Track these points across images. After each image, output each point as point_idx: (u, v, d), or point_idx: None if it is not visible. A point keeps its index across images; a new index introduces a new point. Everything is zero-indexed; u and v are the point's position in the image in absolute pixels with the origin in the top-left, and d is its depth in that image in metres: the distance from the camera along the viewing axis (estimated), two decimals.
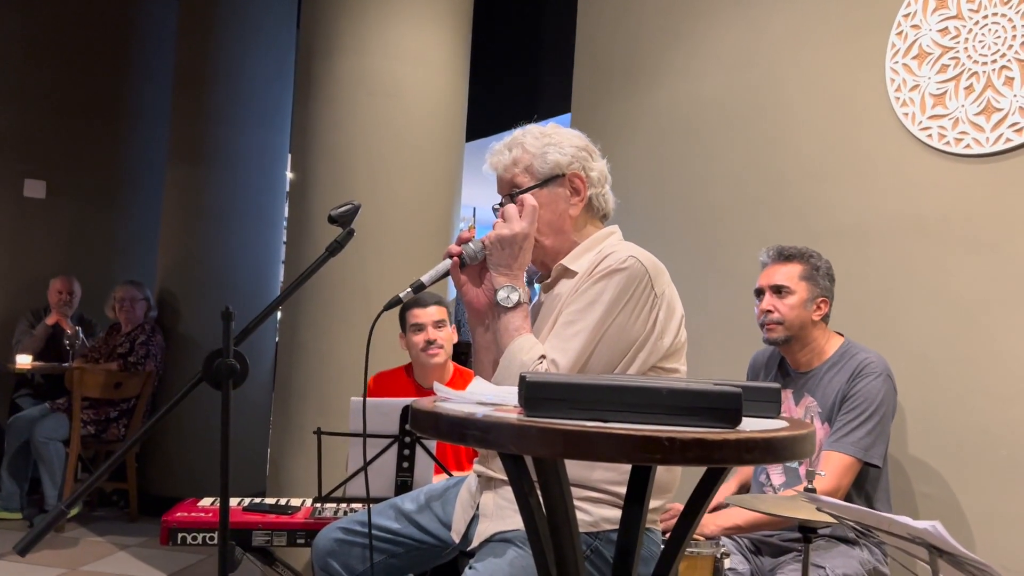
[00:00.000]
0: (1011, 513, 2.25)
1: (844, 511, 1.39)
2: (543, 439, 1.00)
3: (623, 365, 1.60)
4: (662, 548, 1.42)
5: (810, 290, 2.26)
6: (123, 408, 4.76)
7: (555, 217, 1.72)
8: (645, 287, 1.60)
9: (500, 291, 1.65)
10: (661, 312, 1.62)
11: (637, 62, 3.34)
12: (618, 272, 1.59)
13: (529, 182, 1.72)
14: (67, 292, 5.19)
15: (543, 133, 1.76)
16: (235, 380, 1.46)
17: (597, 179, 1.77)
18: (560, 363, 1.56)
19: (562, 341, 1.58)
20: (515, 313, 1.64)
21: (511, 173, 1.74)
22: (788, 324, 2.24)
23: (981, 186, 2.38)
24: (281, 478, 3.19)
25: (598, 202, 1.78)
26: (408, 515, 1.89)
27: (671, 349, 1.65)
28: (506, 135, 1.81)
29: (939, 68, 2.48)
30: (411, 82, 3.23)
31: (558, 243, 1.74)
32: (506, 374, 1.59)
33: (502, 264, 1.66)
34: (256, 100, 5.16)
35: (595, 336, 1.57)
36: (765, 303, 2.28)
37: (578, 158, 1.74)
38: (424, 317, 2.68)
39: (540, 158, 1.72)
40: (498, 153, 1.77)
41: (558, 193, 1.72)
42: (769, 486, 2.31)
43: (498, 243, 1.66)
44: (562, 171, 1.72)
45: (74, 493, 1.40)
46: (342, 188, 3.14)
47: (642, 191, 3.23)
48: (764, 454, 1.04)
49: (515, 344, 1.61)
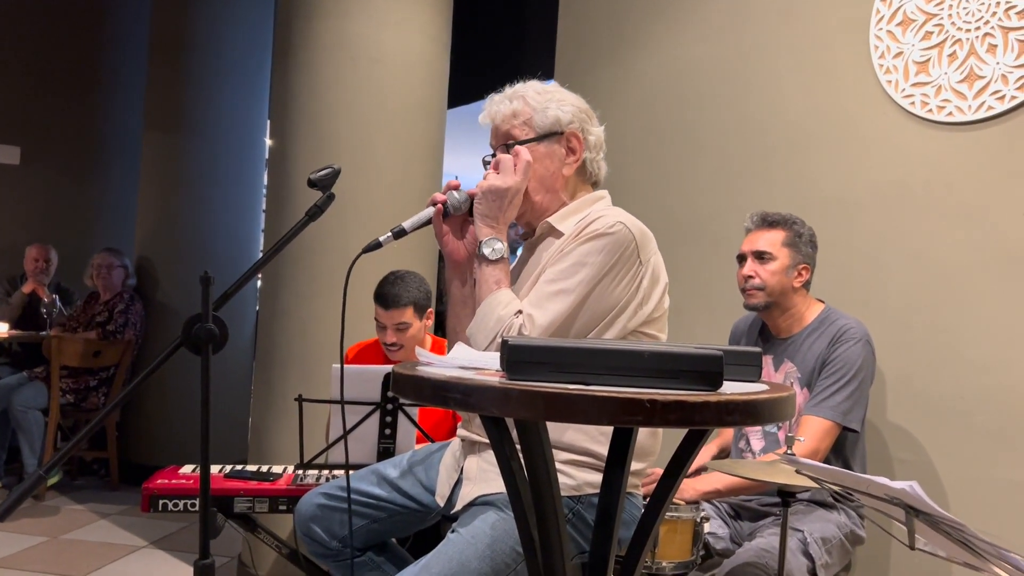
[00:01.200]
0: (985, 478, 2.29)
1: (823, 473, 1.40)
2: (525, 401, 1.00)
3: (600, 329, 1.60)
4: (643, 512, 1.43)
5: (792, 256, 2.27)
6: (103, 377, 4.73)
7: (548, 174, 1.71)
8: (631, 254, 1.59)
9: (484, 242, 1.63)
10: (645, 279, 1.62)
11: (622, 29, 3.31)
12: (605, 236, 1.58)
13: (527, 135, 1.70)
14: (43, 260, 5.13)
15: (545, 89, 1.74)
16: (215, 345, 1.44)
17: (594, 143, 1.76)
18: (537, 319, 1.55)
19: (541, 298, 1.57)
20: (497, 266, 1.62)
21: (509, 124, 1.72)
22: (769, 290, 2.26)
23: (963, 154, 2.39)
24: (263, 446, 3.18)
25: (592, 167, 1.77)
26: (391, 480, 1.89)
27: (652, 316, 1.65)
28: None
29: (923, 35, 2.47)
30: (393, 47, 3.19)
31: (547, 201, 1.72)
32: (481, 326, 1.58)
33: (489, 215, 1.64)
34: (234, 65, 5.08)
35: (576, 298, 1.56)
36: (747, 268, 2.28)
37: (578, 118, 1.73)
38: (385, 318, 2.58)
39: (541, 112, 1.70)
40: (498, 103, 1.74)
41: (554, 150, 1.71)
42: (749, 451, 2.33)
43: (489, 193, 1.64)
44: (561, 128, 1.71)
45: (53, 458, 1.39)
46: (322, 154, 3.11)
47: (626, 158, 3.22)
48: (744, 416, 1.04)
49: (494, 297, 1.60)
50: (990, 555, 1.11)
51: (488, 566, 1.53)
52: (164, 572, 3.36)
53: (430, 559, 1.54)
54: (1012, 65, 2.29)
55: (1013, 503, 2.25)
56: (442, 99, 3.40)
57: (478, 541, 1.54)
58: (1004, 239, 2.31)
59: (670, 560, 1.95)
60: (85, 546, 3.64)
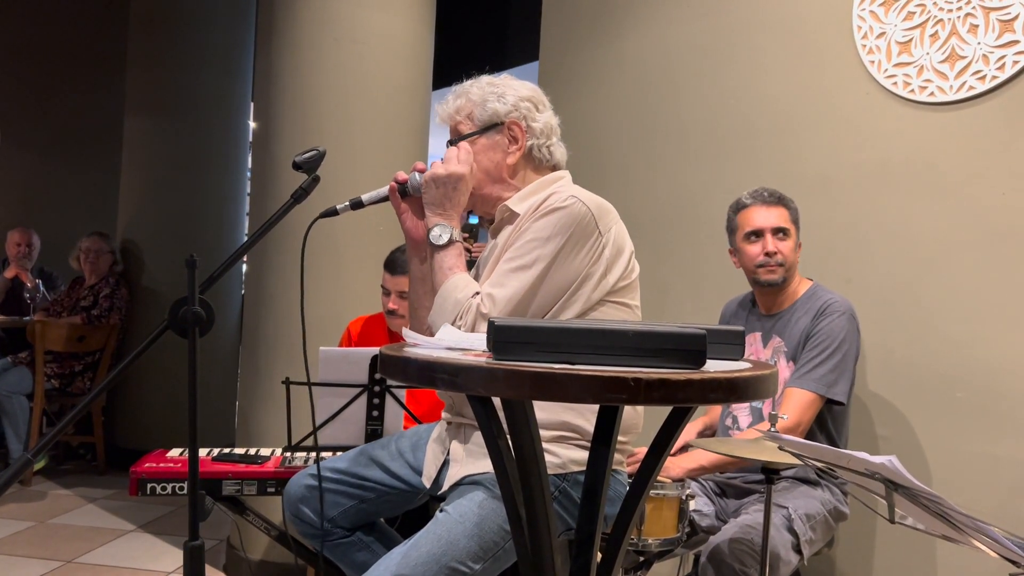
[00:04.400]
0: (965, 452, 2.33)
1: (804, 448, 1.42)
2: (511, 380, 1.01)
3: (563, 302, 1.62)
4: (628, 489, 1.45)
5: (797, 233, 2.31)
6: (88, 361, 4.71)
7: (492, 165, 1.77)
8: (587, 224, 1.61)
9: (432, 229, 1.69)
10: (607, 250, 1.64)
11: (606, 9, 3.31)
12: (559, 210, 1.61)
13: (469, 129, 1.78)
14: (25, 244, 5.09)
15: (490, 83, 1.81)
16: (201, 328, 1.45)
17: (540, 130, 1.79)
18: (497, 297, 1.57)
19: (500, 276, 1.60)
20: (447, 252, 1.67)
21: (454, 121, 1.80)
22: (788, 266, 2.29)
23: (944, 133, 2.41)
24: (250, 429, 3.19)
25: (539, 153, 1.80)
26: (378, 461, 1.91)
27: (619, 285, 1.67)
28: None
29: (905, 15, 2.48)
30: (377, 28, 3.17)
31: (496, 191, 1.78)
32: (440, 311, 1.62)
33: (435, 203, 1.70)
34: (217, 47, 5.03)
35: (535, 273, 1.58)
36: (769, 244, 2.28)
37: (519, 107, 1.77)
38: (391, 284, 2.62)
39: (480, 106, 1.77)
40: (445, 103, 1.83)
41: (496, 141, 1.77)
42: (736, 428, 2.36)
43: (432, 181, 1.70)
44: (500, 119, 1.76)
45: (40, 442, 1.39)
46: (307, 136, 3.09)
47: (610, 138, 3.22)
48: (727, 394, 1.06)
49: (449, 283, 1.64)
50: (967, 527, 1.13)
51: (476, 544, 1.55)
52: (153, 555, 3.37)
53: (419, 538, 1.56)
54: (993, 45, 2.31)
55: (993, 477, 2.28)
56: (427, 81, 3.39)
57: (466, 520, 1.56)
58: (984, 217, 2.33)
59: (656, 537, 1.98)
60: (73, 530, 3.64)
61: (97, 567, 3.22)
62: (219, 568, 3.27)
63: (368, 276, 3.08)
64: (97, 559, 3.30)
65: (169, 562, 3.29)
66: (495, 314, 1.55)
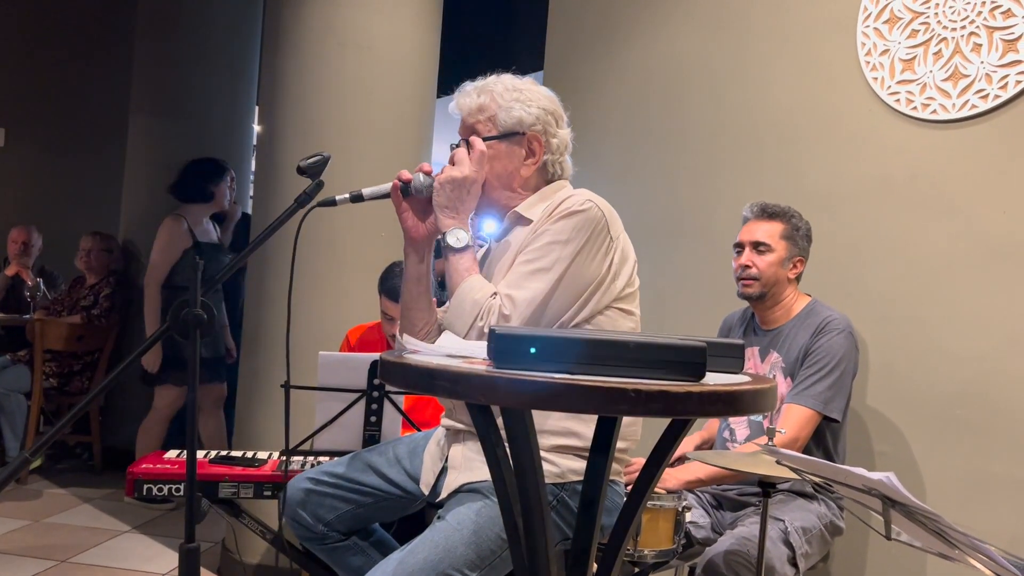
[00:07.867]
0: (963, 469, 2.33)
1: (801, 463, 1.42)
2: (511, 390, 1.01)
3: (578, 306, 1.62)
4: (625, 500, 1.45)
5: (789, 249, 2.30)
6: (87, 361, 4.71)
7: (506, 173, 1.74)
8: (602, 229, 1.62)
9: (448, 233, 1.67)
10: (616, 255, 1.65)
11: (611, 20, 3.32)
12: (578, 214, 1.61)
13: (490, 132, 1.73)
14: (23, 242, 5.09)
15: (515, 87, 1.75)
16: (202, 330, 1.45)
17: (557, 146, 1.77)
18: (517, 299, 1.57)
19: (519, 278, 1.60)
20: (464, 254, 1.66)
21: (474, 119, 1.74)
22: (764, 280, 2.29)
23: (946, 151, 2.42)
24: (248, 432, 3.18)
25: (552, 168, 1.78)
26: (375, 467, 1.90)
27: (624, 293, 1.68)
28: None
29: (909, 33, 2.49)
30: (382, 34, 3.17)
31: (504, 198, 1.76)
32: (458, 313, 1.61)
33: (448, 206, 1.68)
34: (222, 49, 5.04)
35: (554, 276, 1.58)
36: (744, 258, 2.31)
37: (542, 120, 1.74)
38: (394, 311, 2.56)
39: (506, 111, 1.72)
40: (467, 95, 1.77)
41: (514, 151, 1.74)
42: (733, 441, 2.36)
43: (447, 184, 1.67)
44: (523, 130, 1.73)
45: (39, 440, 1.39)
46: (310, 140, 3.09)
47: (614, 149, 3.23)
48: (726, 407, 1.06)
49: (466, 284, 1.63)
50: (964, 545, 1.13)
51: (473, 552, 1.55)
52: (148, 556, 3.36)
53: (416, 544, 1.56)
54: (996, 64, 2.32)
55: (991, 495, 2.28)
56: (432, 87, 3.40)
57: (463, 527, 1.56)
58: (985, 234, 2.34)
59: (652, 548, 1.98)
60: (68, 529, 3.64)
61: (92, 567, 3.21)
62: (213, 571, 3.27)
63: (370, 284, 3.08)
64: (92, 559, 3.29)
65: (164, 563, 3.29)
66: (515, 316, 1.56)
